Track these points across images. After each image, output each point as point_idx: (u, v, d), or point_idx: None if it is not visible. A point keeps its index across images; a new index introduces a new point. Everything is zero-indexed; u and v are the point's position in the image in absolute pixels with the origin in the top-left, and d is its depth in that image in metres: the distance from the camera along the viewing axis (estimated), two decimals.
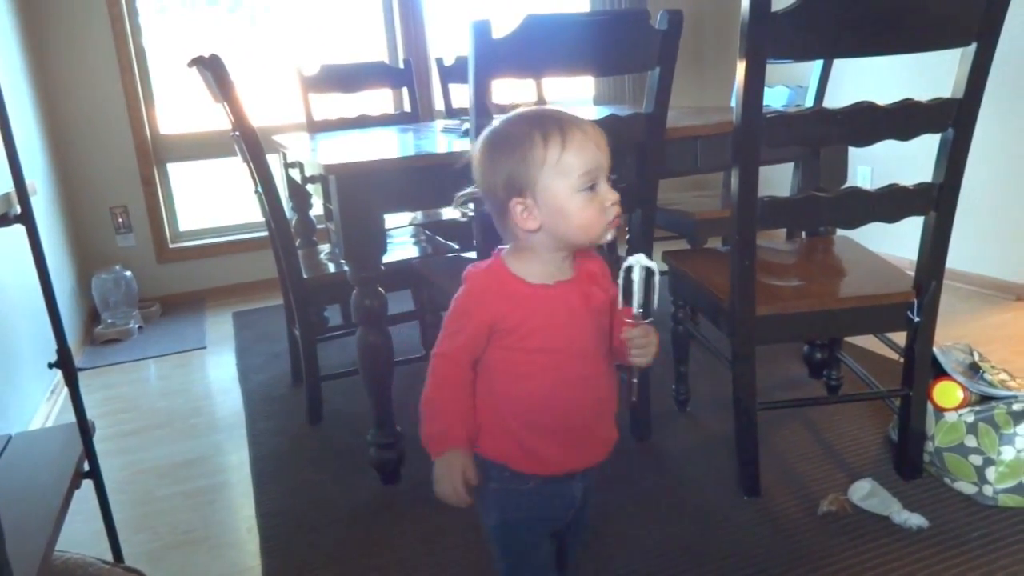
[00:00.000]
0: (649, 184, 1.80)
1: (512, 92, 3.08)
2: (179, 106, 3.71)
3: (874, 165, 3.46)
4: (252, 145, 2.05)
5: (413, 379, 2.49)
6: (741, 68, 1.41)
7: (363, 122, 3.07)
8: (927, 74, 2.66)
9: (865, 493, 1.65)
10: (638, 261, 0.97)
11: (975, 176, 3.08)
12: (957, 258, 3.17)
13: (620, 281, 0.99)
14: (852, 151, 2.07)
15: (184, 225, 3.85)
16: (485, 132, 1.01)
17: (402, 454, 1.87)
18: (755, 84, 1.42)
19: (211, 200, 3.99)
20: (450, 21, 4.01)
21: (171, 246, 3.75)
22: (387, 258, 2.25)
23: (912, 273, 1.66)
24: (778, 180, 2.43)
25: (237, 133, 2.08)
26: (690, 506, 1.72)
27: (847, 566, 1.49)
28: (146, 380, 2.81)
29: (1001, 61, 2.84)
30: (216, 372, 2.83)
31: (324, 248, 2.62)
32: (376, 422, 1.84)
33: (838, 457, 1.89)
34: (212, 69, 1.98)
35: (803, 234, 2.24)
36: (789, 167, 2.23)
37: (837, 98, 3.35)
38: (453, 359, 1.02)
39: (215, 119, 2.96)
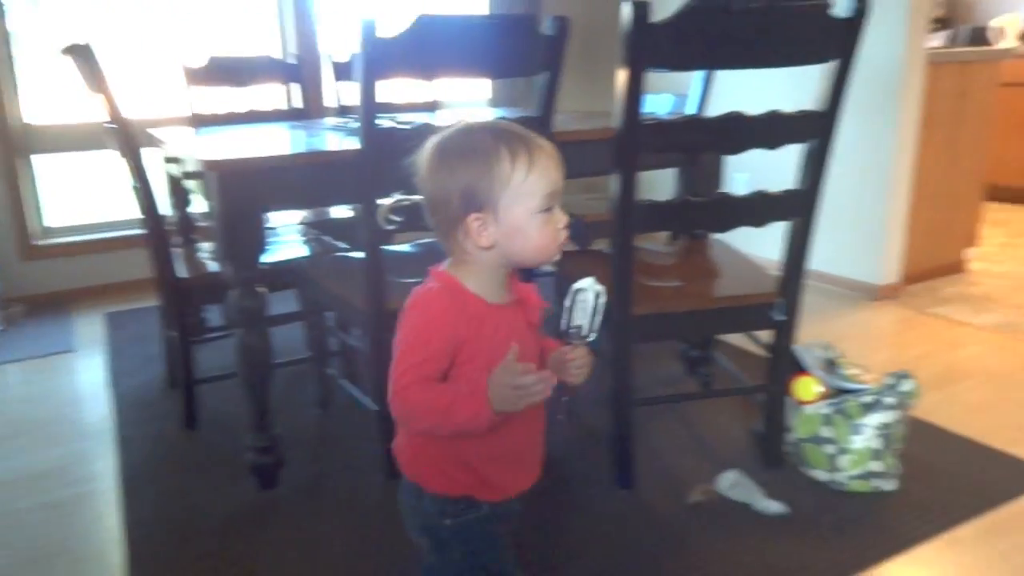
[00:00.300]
0: None
1: (406, 92, 3.06)
2: (51, 95, 3.48)
3: (752, 172, 3.65)
4: (128, 138, 1.96)
5: (296, 381, 2.49)
6: (622, 76, 1.46)
7: (252, 117, 2.98)
8: (809, 87, 2.83)
9: (731, 483, 1.74)
10: (591, 285, 0.97)
11: (838, 184, 3.29)
12: (822, 261, 3.38)
13: (568, 302, 0.98)
14: (732, 158, 2.18)
15: (54, 221, 3.62)
16: (438, 140, 0.97)
17: (281, 458, 1.83)
18: (634, 92, 1.47)
19: (85, 195, 3.76)
20: (343, 17, 3.95)
21: (37, 243, 3.51)
22: (272, 257, 2.20)
23: (778, 274, 1.77)
24: (663, 185, 2.53)
25: (113, 125, 1.98)
26: (566, 500, 1.77)
27: (712, 551, 1.58)
28: (6, 386, 2.62)
29: (860, 78, 3.07)
30: (85, 376, 2.68)
31: (206, 246, 2.53)
32: (254, 425, 1.79)
33: (708, 450, 1.99)
34: (85, 58, 1.88)
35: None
36: (673, 173, 2.33)
37: (722, 107, 3.49)
38: (426, 383, 0.95)
39: (90, 110, 2.81)
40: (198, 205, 2.75)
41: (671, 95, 2.79)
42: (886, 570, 1.53)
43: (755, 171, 3.60)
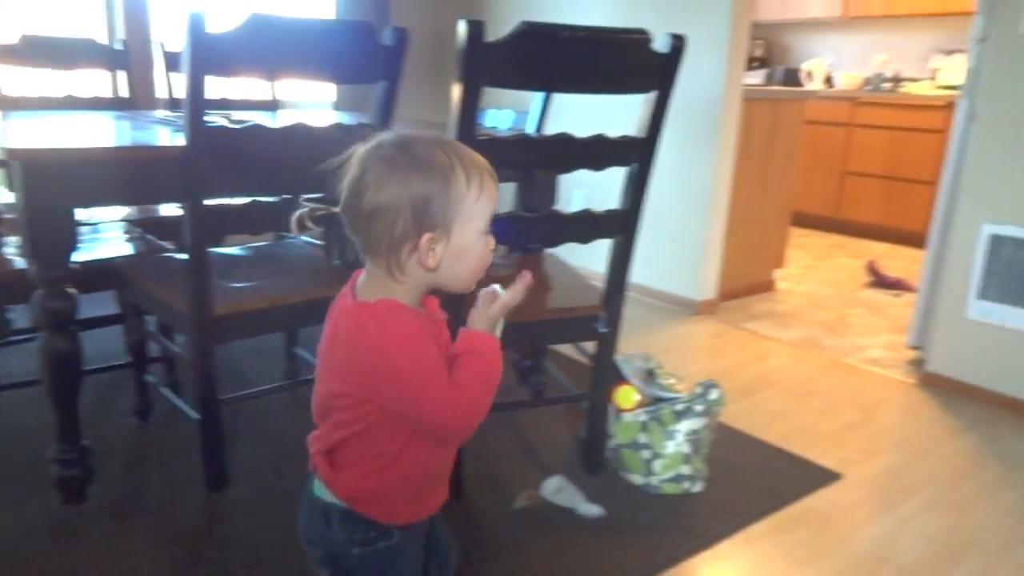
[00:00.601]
0: None
1: (245, 89, 2.96)
2: None
3: (588, 188, 3.82)
4: None
5: (113, 389, 2.33)
6: (456, 91, 1.50)
7: (71, 104, 2.76)
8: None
9: (554, 488, 1.82)
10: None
11: (662, 205, 3.52)
12: (648, 277, 3.60)
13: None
14: (573, 176, 2.27)
15: None
16: (385, 147, 0.89)
17: (89, 471, 1.72)
18: (468, 107, 1.51)
19: None
20: (178, 3, 3.75)
21: None
22: (88, 256, 2.06)
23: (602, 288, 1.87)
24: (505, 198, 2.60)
25: None
26: None
27: (536, 554, 1.64)
28: None
29: (685, 108, 3.28)
30: None
31: (12, 240, 2.31)
32: (59, 436, 1.67)
33: (535, 456, 2.06)
34: None
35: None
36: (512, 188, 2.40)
37: (562, 125, 3.61)
38: (453, 383, 0.93)
39: None
40: (4, 196, 2.52)
41: (512, 111, 2.88)
42: (691, 565, 1.65)
43: (591, 187, 3.78)
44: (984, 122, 2.48)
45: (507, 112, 2.91)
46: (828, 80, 5.68)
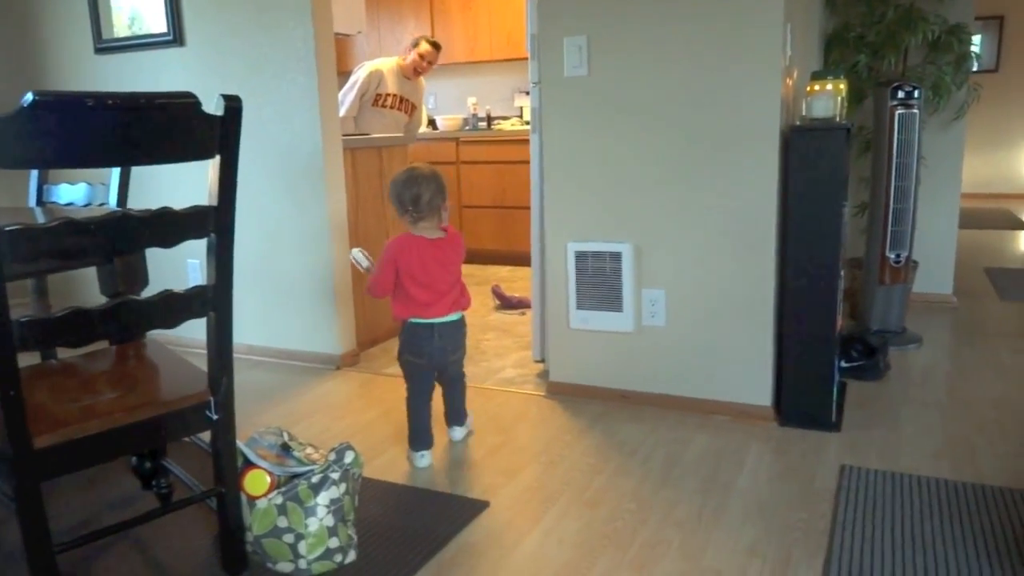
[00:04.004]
0: None
1: None
2: None
3: (201, 259, 3.54)
4: None
5: None
6: None
7: None
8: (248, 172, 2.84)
9: None
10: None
11: (282, 262, 3.41)
12: (282, 338, 3.46)
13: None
14: (186, 245, 2.04)
15: None
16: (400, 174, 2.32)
17: None
18: None
19: None
20: None
21: None
22: None
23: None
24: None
25: None
26: None
27: None
28: None
29: (292, 163, 3.17)
30: None
31: None
32: None
33: (169, 571, 1.80)
34: None
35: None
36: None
37: (155, 196, 3.24)
38: None
39: None
40: None
41: (86, 184, 2.53)
42: None
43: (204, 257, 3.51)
44: (549, 153, 2.78)
45: (80, 186, 2.56)
46: (432, 123, 6.04)
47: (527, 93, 5.79)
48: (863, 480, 2.15)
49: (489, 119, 5.95)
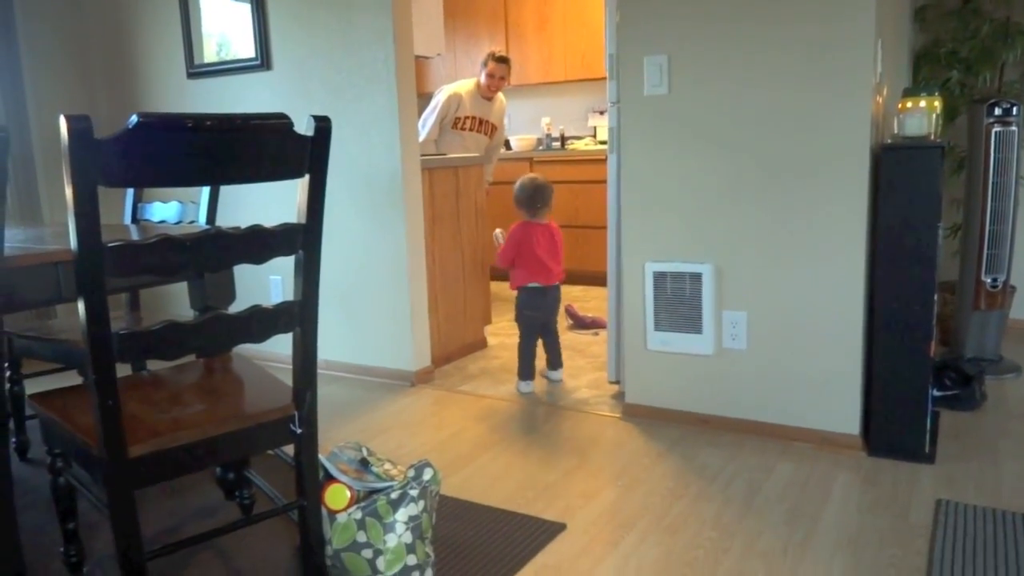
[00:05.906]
0: None
1: None
2: None
3: (285, 275, 3.64)
4: None
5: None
6: (69, 194, 1.29)
7: None
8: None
9: None
10: None
11: (360, 280, 3.46)
12: (358, 354, 3.50)
13: None
14: (270, 262, 2.09)
15: None
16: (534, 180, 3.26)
17: None
18: (88, 210, 1.30)
19: None
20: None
21: None
22: None
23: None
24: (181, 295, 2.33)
25: None
26: None
27: None
28: None
29: (371, 184, 3.22)
30: None
31: None
32: None
33: None
34: None
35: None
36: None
37: (244, 211, 3.34)
38: None
39: None
40: None
41: (177, 203, 2.64)
42: None
43: (288, 274, 3.60)
44: (627, 172, 2.75)
45: (172, 205, 2.66)
46: (507, 143, 6.08)
47: (601, 113, 5.80)
48: (962, 516, 2.03)
49: (563, 139, 5.95)
